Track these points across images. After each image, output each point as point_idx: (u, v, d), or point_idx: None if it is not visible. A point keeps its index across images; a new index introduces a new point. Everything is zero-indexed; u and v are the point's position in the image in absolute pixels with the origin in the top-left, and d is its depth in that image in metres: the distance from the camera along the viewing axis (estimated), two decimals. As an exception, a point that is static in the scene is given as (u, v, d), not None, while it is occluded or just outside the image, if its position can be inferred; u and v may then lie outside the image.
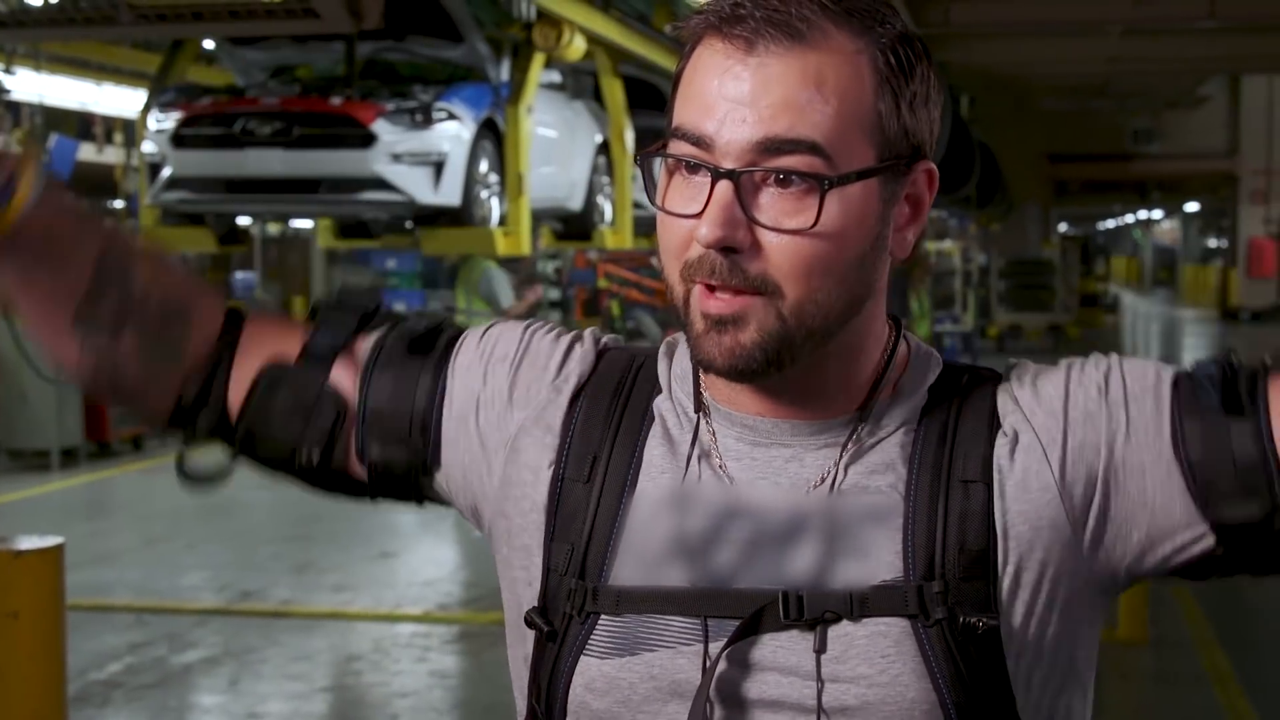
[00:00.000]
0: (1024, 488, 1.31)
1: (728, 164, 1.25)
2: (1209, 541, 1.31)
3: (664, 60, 10.62)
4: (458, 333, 1.50)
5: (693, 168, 1.28)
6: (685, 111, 1.29)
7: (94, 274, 1.40)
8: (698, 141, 1.27)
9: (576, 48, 9.23)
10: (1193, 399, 1.32)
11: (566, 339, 1.47)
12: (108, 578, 9.12)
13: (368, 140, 8.86)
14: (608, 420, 1.41)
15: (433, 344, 1.48)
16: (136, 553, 10.01)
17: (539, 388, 1.43)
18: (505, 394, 1.44)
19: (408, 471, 1.47)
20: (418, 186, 8.90)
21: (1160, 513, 1.31)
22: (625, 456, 1.39)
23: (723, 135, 1.26)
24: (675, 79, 1.33)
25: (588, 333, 1.48)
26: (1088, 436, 1.32)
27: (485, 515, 1.46)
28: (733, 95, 1.25)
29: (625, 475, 1.38)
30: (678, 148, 1.29)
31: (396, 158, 8.86)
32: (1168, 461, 1.30)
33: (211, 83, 11.10)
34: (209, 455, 1.49)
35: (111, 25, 7.46)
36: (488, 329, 1.49)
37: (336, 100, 9.04)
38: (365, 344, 1.48)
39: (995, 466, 1.32)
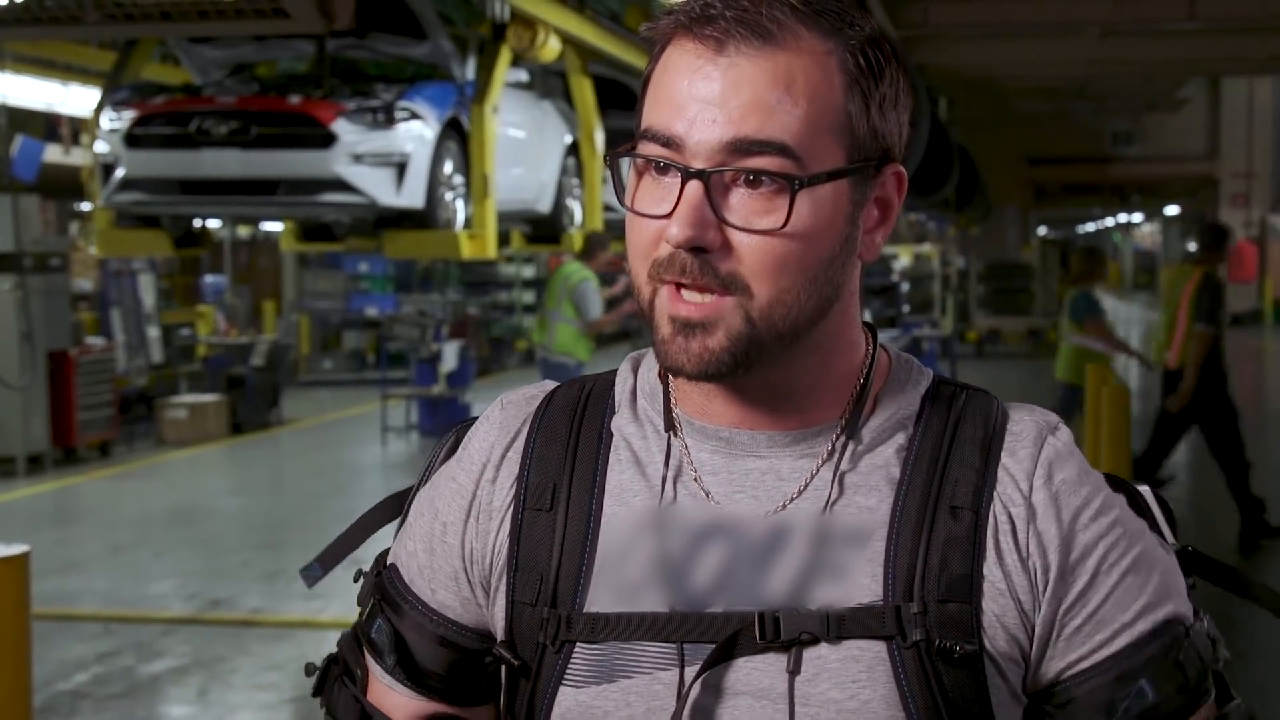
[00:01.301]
0: (1013, 564, 1.32)
1: (698, 164, 1.26)
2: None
3: (637, 60, 10.58)
4: (392, 628, 1.47)
5: (662, 168, 1.29)
6: (655, 112, 1.30)
7: None
8: (667, 142, 1.28)
9: (551, 48, 9.21)
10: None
11: (478, 444, 1.45)
12: (74, 586, 9.08)
13: (327, 140, 8.73)
14: (564, 448, 1.41)
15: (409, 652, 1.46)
16: (103, 561, 9.98)
17: (480, 491, 1.43)
18: (459, 529, 1.44)
19: (477, 653, 1.44)
20: (379, 188, 8.78)
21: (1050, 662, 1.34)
22: (586, 481, 1.39)
23: (693, 136, 1.26)
24: (645, 79, 1.34)
25: (530, 395, 1.48)
26: (1064, 605, 1.33)
27: (488, 608, 1.44)
28: (703, 95, 1.26)
29: (589, 500, 1.38)
30: (647, 148, 1.30)
31: (357, 158, 8.73)
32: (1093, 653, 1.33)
33: (168, 81, 10.92)
34: None
35: (78, 25, 7.43)
36: (394, 547, 1.50)
37: (295, 99, 8.91)
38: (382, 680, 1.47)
39: (982, 502, 1.32)
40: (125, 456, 14.83)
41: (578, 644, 1.34)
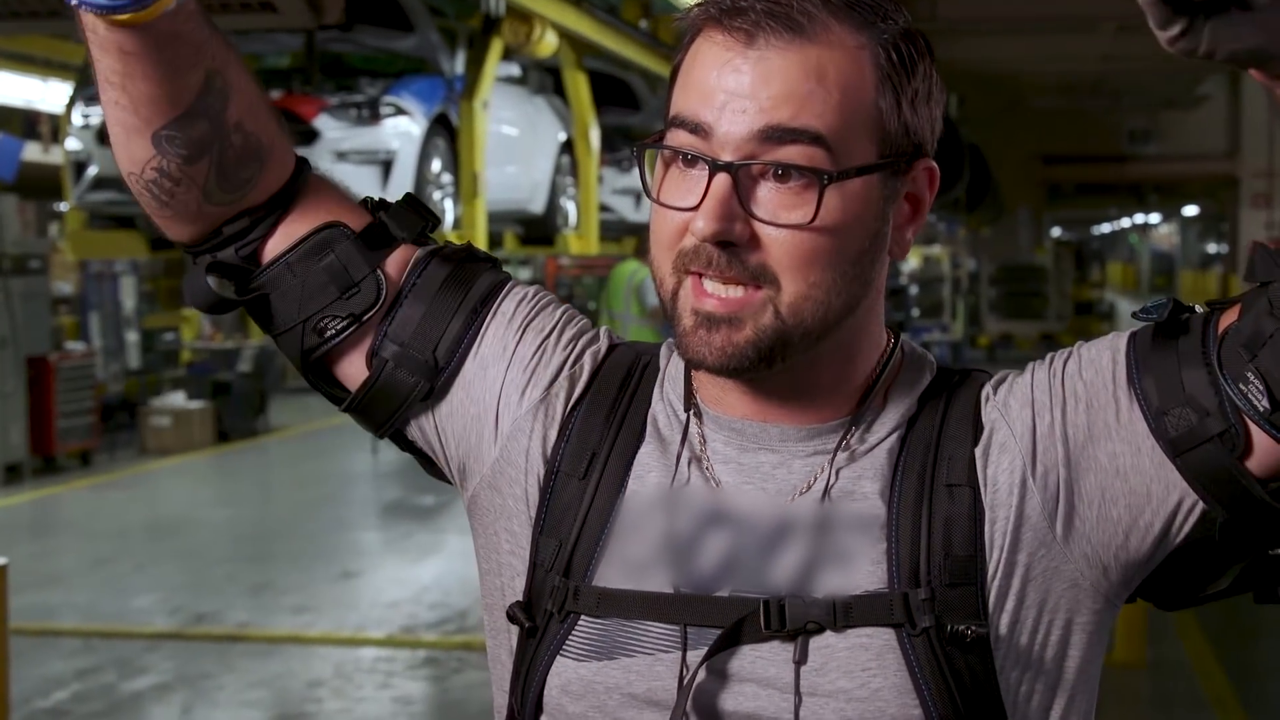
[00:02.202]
0: (1002, 486, 1.34)
1: (726, 156, 1.29)
2: (1193, 503, 1.31)
3: (635, 55, 10.53)
4: (507, 278, 1.51)
5: (690, 160, 1.31)
6: (683, 101, 1.32)
7: (199, 94, 1.39)
8: (695, 129, 1.30)
9: (548, 43, 9.19)
10: (1147, 343, 1.34)
11: (590, 333, 1.50)
12: (54, 600, 9.08)
13: (309, 137, 8.55)
14: (609, 419, 1.44)
15: (480, 276, 1.50)
16: (84, 574, 9.98)
17: (556, 370, 1.46)
18: (530, 363, 1.46)
19: (411, 390, 1.47)
20: (364, 187, 8.61)
21: (1133, 473, 1.32)
22: (622, 459, 1.41)
23: (721, 125, 1.29)
24: (673, 71, 1.37)
25: (603, 330, 1.52)
26: (1055, 416, 1.35)
27: (473, 479, 1.48)
28: (732, 87, 1.29)
29: (622, 476, 1.41)
30: (675, 138, 1.32)
31: (341, 156, 8.56)
32: (1127, 410, 1.33)
33: None
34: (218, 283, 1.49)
35: (58, 19, 7.43)
36: (535, 291, 1.51)
37: (275, 94, 8.75)
38: (419, 252, 1.50)
39: (976, 467, 1.34)
40: (107, 466, 14.82)
41: (582, 616, 1.36)
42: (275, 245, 1.47)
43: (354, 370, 1.48)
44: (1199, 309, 1.35)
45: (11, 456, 13.55)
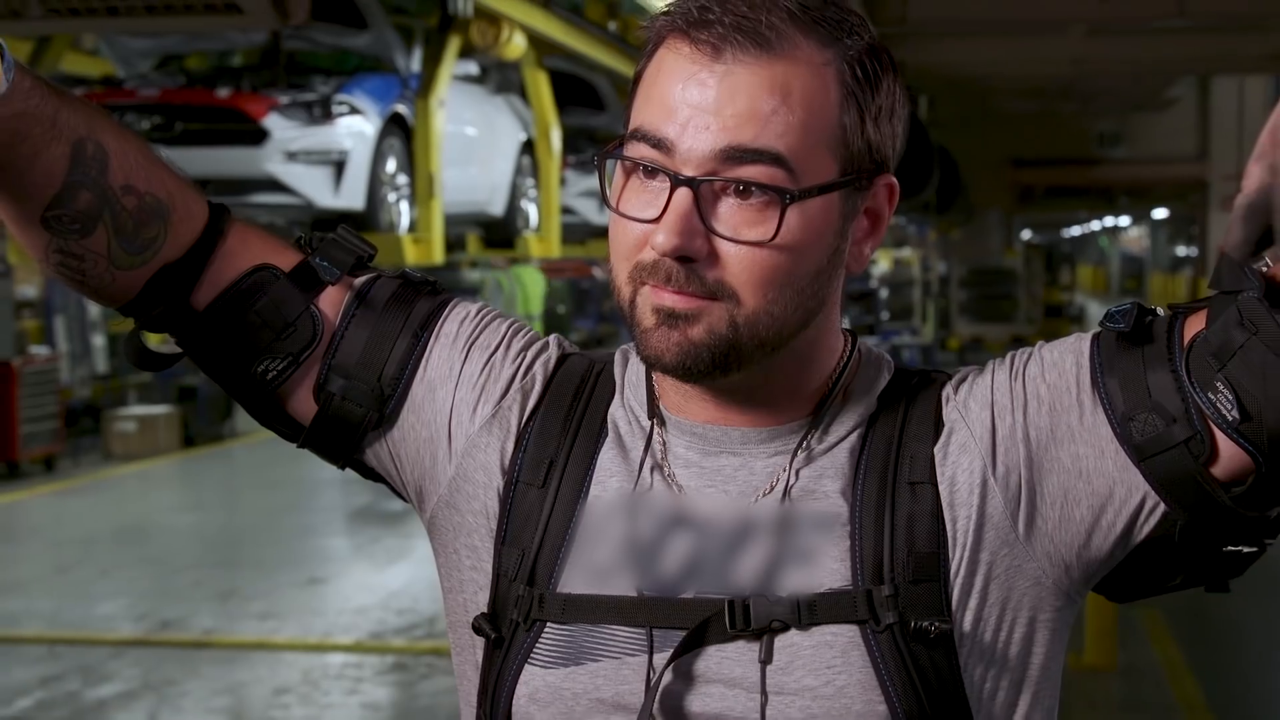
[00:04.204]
0: (962, 486, 1.35)
1: (688, 171, 1.29)
2: (1155, 504, 1.33)
3: (599, 55, 10.46)
4: (448, 298, 1.51)
5: (651, 171, 1.31)
6: (646, 113, 1.32)
7: (69, 167, 1.36)
8: (658, 144, 1.30)
9: (516, 45, 9.17)
10: (1111, 346, 1.35)
11: (538, 343, 1.51)
12: (16, 607, 9.04)
13: (259, 137, 8.36)
14: (565, 427, 1.44)
15: (420, 299, 1.50)
16: (48, 580, 9.93)
17: (506, 385, 1.46)
18: (479, 381, 1.47)
19: (361, 420, 1.47)
20: (316, 188, 8.44)
21: (1096, 475, 1.34)
22: (581, 464, 1.42)
23: (684, 141, 1.29)
24: (635, 78, 1.36)
25: (553, 338, 1.52)
26: (1016, 418, 1.36)
27: (430, 499, 1.48)
28: (696, 102, 1.29)
29: (581, 482, 1.42)
30: (636, 150, 1.32)
31: (291, 156, 8.38)
32: (1091, 413, 1.34)
33: (87, 73, 10.42)
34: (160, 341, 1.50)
35: (19, 19, 7.39)
36: (479, 309, 1.51)
37: (224, 92, 8.58)
38: (355, 282, 1.49)
39: (936, 465, 1.36)
40: (71, 471, 14.76)
41: (549, 624, 1.37)
42: (204, 295, 1.45)
43: (303, 407, 1.48)
44: (1161, 312, 1.36)
45: (-26, 462, 13.50)
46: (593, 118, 12.19)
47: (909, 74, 15.77)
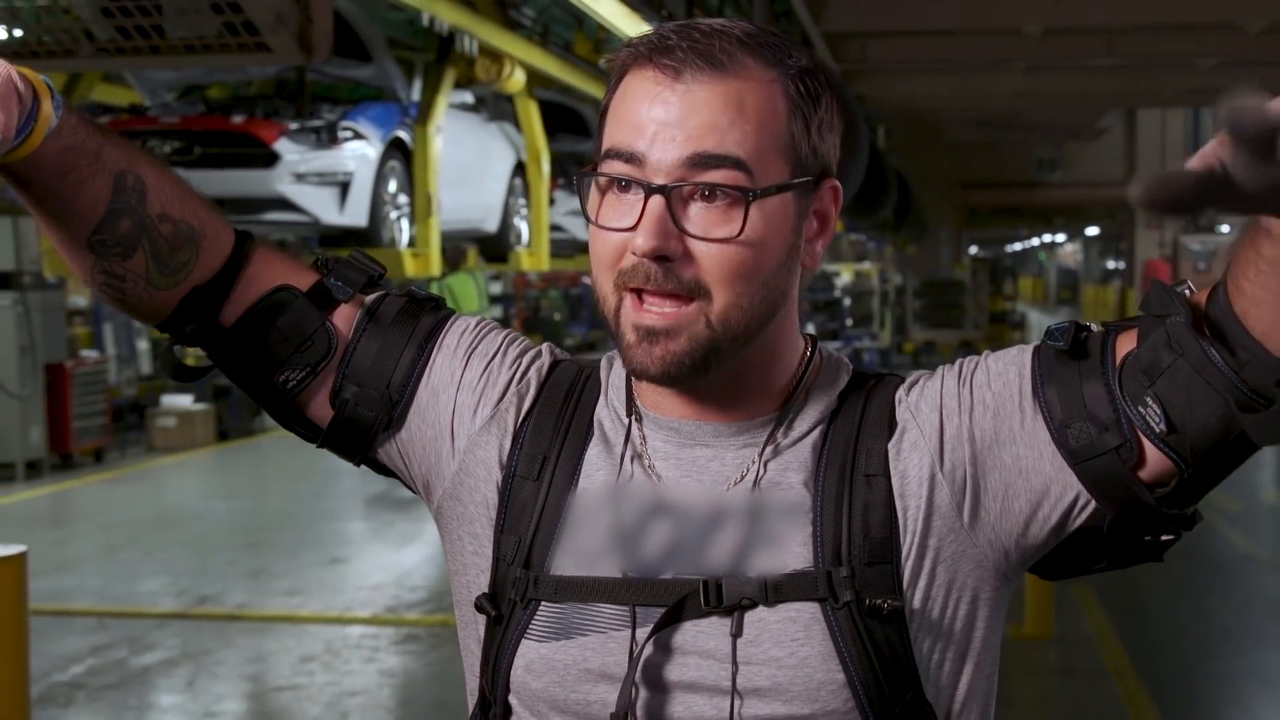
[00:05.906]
0: (912, 479, 1.36)
1: (659, 180, 1.30)
2: (1086, 500, 1.34)
3: (588, 87, 10.44)
4: (449, 313, 1.53)
5: (625, 185, 1.33)
6: (617, 133, 1.34)
7: (111, 196, 1.39)
8: (630, 159, 1.32)
9: (517, 80, 9.17)
10: (1050, 359, 1.36)
11: (532, 351, 1.52)
12: (70, 584, 9.01)
13: (270, 160, 8.33)
14: (557, 425, 1.45)
15: (424, 314, 1.51)
16: (97, 560, 9.90)
17: (503, 389, 1.47)
18: (478, 386, 1.48)
19: (372, 423, 1.49)
20: (322, 207, 8.40)
21: (1034, 474, 1.35)
22: (571, 459, 1.43)
23: (654, 154, 1.31)
24: (604, 107, 1.38)
25: (545, 346, 1.54)
26: (963, 420, 1.37)
27: (436, 491, 1.49)
28: (662, 118, 1.31)
29: (570, 476, 1.42)
30: (611, 166, 1.33)
31: (300, 177, 8.35)
32: (1031, 419, 1.35)
33: (115, 102, 10.37)
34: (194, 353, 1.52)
35: (72, 57, 7.38)
36: (477, 322, 1.53)
37: (238, 119, 8.55)
38: (366, 299, 1.51)
39: (890, 460, 1.37)
40: (118, 462, 14.72)
41: (542, 603, 1.38)
42: (231, 313, 1.47)
43: (321, 411, 1.50)
44: (1095, 328, 1.37)
45: (32, 454, 13.45)
46: (580, 143, 12.17)
47: (868, 107, 15.79)
